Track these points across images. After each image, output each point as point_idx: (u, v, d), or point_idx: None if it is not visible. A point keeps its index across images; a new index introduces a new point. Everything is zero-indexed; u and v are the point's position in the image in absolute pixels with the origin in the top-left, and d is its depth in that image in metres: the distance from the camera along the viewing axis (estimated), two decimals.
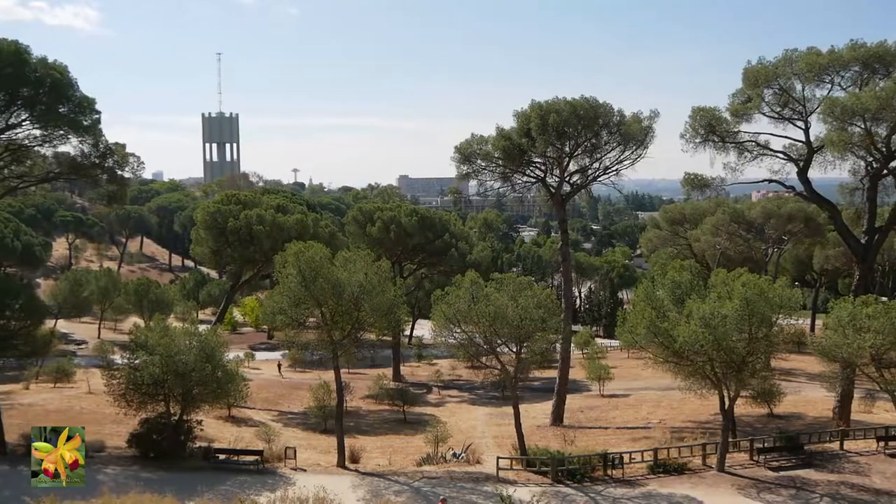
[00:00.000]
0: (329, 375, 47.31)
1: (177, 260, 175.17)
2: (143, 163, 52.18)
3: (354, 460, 39.55)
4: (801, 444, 40.79)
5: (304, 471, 37.69)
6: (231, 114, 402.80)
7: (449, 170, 53.24)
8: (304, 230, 71.41)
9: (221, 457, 38.75)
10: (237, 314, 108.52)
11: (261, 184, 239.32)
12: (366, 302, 37.46)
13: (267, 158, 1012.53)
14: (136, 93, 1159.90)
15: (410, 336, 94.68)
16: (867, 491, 35.31)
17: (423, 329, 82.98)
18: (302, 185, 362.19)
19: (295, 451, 39.34)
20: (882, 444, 41.25)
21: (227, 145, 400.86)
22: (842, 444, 41.56)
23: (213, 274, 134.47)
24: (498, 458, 38.44)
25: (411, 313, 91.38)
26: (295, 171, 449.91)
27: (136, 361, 38.14)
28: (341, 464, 38.58)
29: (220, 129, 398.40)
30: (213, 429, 46.19)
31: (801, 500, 34.25)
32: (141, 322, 78.23)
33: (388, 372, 70.76)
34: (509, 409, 42.93)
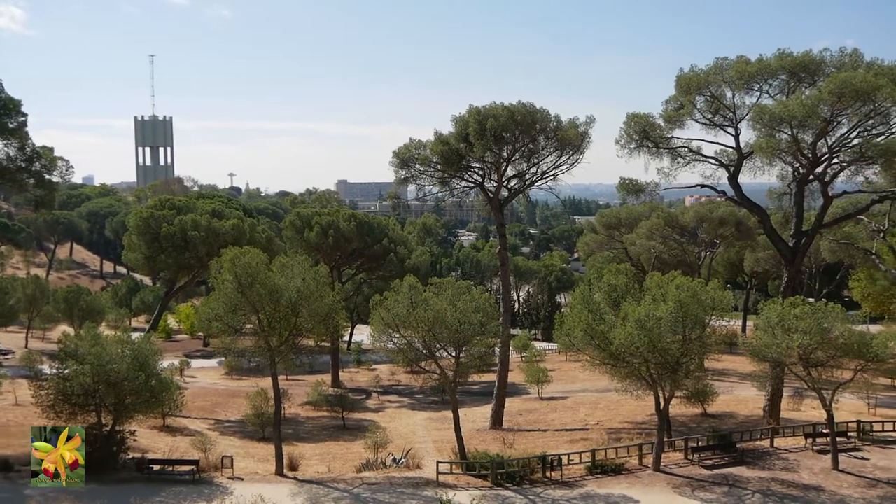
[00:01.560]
0: (266, 382, 46.65)
1: (108, 266, 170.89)
2: (72, 167, 50.68)
3: (293, 468, 39.06)
4: (734, 442, 41.80)
5: (242, 480, 37.08)
6: (165, 117, 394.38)
7: (388, 174, 53.07)
8: (240, 235, 70.51)
9: (156, 468, 37.83)
10: (172, 321, 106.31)
11: (196, 188, 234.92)
12: (304, 308, 37.11)
13: (202, 162, 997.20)
14: (64, 95, 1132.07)
15: (349, 341, 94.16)
16: (796, 487, 36.35)
17: (363, 334, 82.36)
18: (238, 189, 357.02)
19: (232, 459, 38.67)
20: (810, 440, 42.55)
21: (161, 149, 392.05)
22: (772, 442, 42.75)
23: (147, 280, 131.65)
24: (438, 462, 38.43)
25: (350, 318, 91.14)
26: (231, 175, 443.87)
27: (66, 371, 37.12)
28: (279, 472, 38.07)
29: (154, 133, 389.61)
30: (147, 439, 45.14)
31: (733, 497, 35.03)
32: (71, 331, 75.94)
33: (327, 378, 70.23)
34: (449, 414, 42.98)
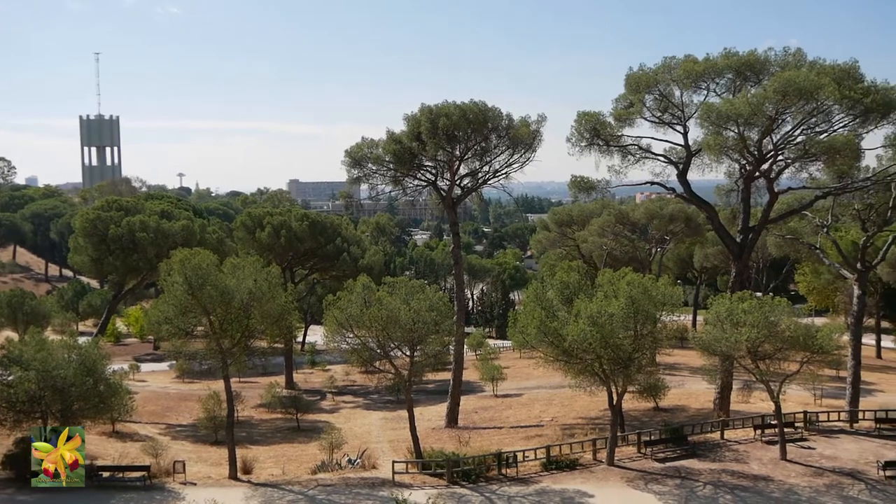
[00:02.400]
0: (219, 385, 46.08)
1: (54, 269, 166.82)
2: (14, 167, 50.05)
3: (247, 471, 38.65)
4: (685, 435, 42.49)
5: (195, 485, 36.58)
6: (111, 116, 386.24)
7: (340, 174, 52.67)
8: (190, 236, 69.41)
9: (105, 474, 37.13)
10: (121, 325, 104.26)
11: (144, 189, 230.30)
12: (256, 309, 36.76)
13: (150, 162, 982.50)
14: (4, 93, 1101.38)
15: (303, 342, 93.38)
16: (746, 477, 37.10)
17: (316, 335, 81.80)
18: (188, 189, 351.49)
19: (184, 464, 38.10)
20: (759, 431, 43.46)
21: (108, 149, 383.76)
22: (722, 434, 43.56)
23: (94, 283, 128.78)
24: (393, 462, 38.38)
25: (303, 319, 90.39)
26: (180, 175, 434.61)
27: (10, 378, 36.19)
28: (233, 475, 37.63)
29: (100, 132, 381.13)
30: (96, 445, 44.25)
31: (685, 489, 35.61)
32: (15, 336, 74.03)
33: (281, 379, 69.55)
34: (404, 413, 42.92)
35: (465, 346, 67.37)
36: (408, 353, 38.64)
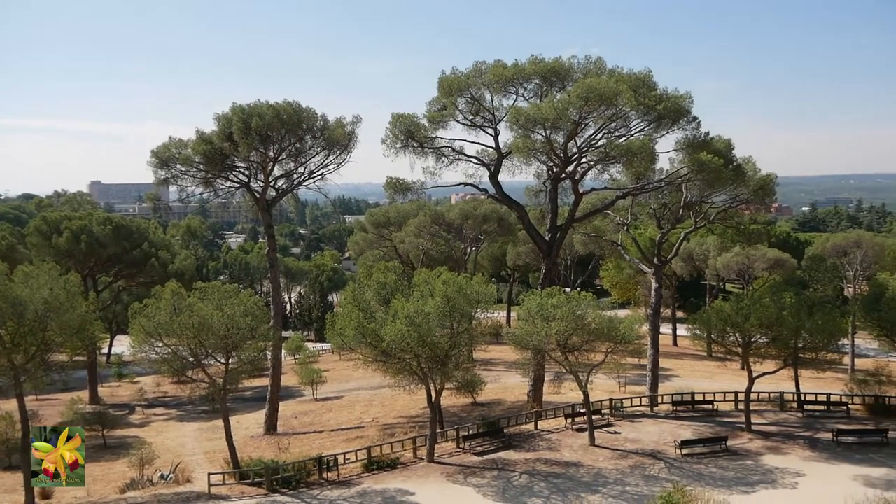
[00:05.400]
0: (11, 405, 42.39)
1: None
2: None
3: (46, 496, 35.90)
4: (502, 428, 43.88)
5: None
6: None
7: (148, 175, 49.86)
8: None
9: None
10: None
11: None
12: (53, 320, 34.08)
13: None
14: None
15: (108, 354, 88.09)
16: (559, 464, 38.83)
17: (123, 345, 77.52)
18: None
19: None
20: (570, 420, 45.71)
21: None
22: (536, 424, 45.41)
23: None
24: (209, 474, 36.96)
25: (108, 329, 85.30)
26: None
27: None
28: (30, 502, 34.72)
29: None
30: None
31: (502, 480, 36.73)
32: None
33: (85, 394, 65.16)
34: (220, 423, 41.43)
35: (283, 351, 66.13)
36: (222, 360, 37.31)
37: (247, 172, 49.67)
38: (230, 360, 37.27)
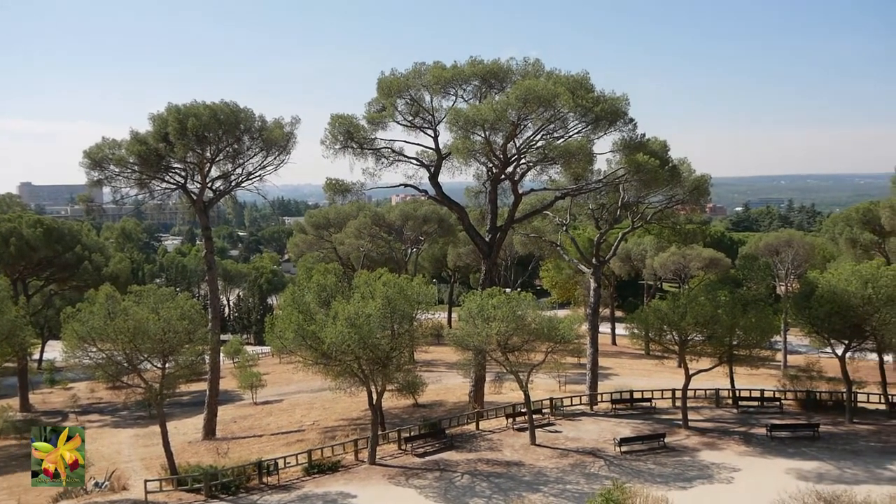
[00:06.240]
0: None
1: None
2: None
3: None
4: (443, 428, 43.97)
5: None
6: None
7: (81, 176, 48.60)
8: None
9: None
10: None
11: None
12: None
13: None
14: None
15: (40, 360, 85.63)
16: (500, 464, 39.06)
17: (56, 351, 75.41)
18: None
19: None
20: (511, 420, 46.02)
21: None
22: (478, 425, 45.61)
23: None
24: (146, 481, 36.24)
25: (40, 334, 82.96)
26: None
27: None
28: None
29: None
30: None
31: (444, 481, 36.79)
32: None
33: (15, 402, 63.23)
34: (157, 429, 40.57)
35: (222, 354, 65.10)
36: (159, 364, 36.60)
37: (183, 173, 48.84)
38: (167, 365, 36.61)
